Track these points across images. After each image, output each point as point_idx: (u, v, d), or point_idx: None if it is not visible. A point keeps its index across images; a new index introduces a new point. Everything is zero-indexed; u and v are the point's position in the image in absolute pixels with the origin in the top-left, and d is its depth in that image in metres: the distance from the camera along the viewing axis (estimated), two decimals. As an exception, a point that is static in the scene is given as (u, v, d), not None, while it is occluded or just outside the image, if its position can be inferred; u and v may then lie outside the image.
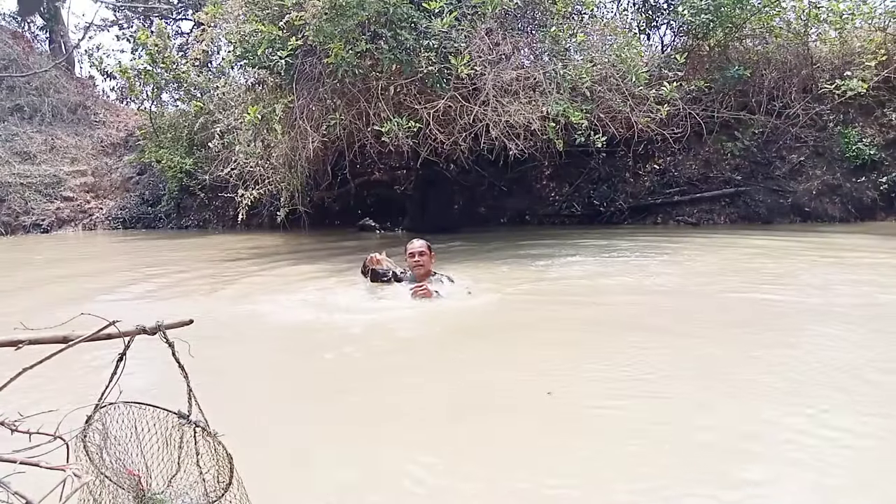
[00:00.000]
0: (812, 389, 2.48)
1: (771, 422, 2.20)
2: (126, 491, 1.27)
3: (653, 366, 2.88)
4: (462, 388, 2.69)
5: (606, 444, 2.09)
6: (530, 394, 2.54)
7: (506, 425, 2.27)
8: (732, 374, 2.72)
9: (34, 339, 1.21)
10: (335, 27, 6.28)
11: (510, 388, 2.65)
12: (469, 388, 2.68)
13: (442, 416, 2.40)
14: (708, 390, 2.55)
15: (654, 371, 2.80)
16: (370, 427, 2.30)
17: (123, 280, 5.97)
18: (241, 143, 7.80)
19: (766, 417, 2.24)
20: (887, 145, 9.01)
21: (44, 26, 17.47)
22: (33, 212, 13.20)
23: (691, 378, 2.71)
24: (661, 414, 2.30)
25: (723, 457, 1.95)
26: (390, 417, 2.39)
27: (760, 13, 8.96)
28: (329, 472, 1.95)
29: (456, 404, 2.50)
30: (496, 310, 4.22)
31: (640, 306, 4.17)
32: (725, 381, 2.64)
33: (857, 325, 3.39)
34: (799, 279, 4.88)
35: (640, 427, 2.20)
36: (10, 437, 1.17)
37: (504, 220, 10.72)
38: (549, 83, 6.86)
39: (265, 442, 2.15)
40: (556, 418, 2.32)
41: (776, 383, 2.55)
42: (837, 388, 2.47)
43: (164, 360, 1.26)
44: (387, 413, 2.44)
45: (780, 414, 2.26)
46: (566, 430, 2.23)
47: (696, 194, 9.70)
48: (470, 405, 2.48)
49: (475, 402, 2.52)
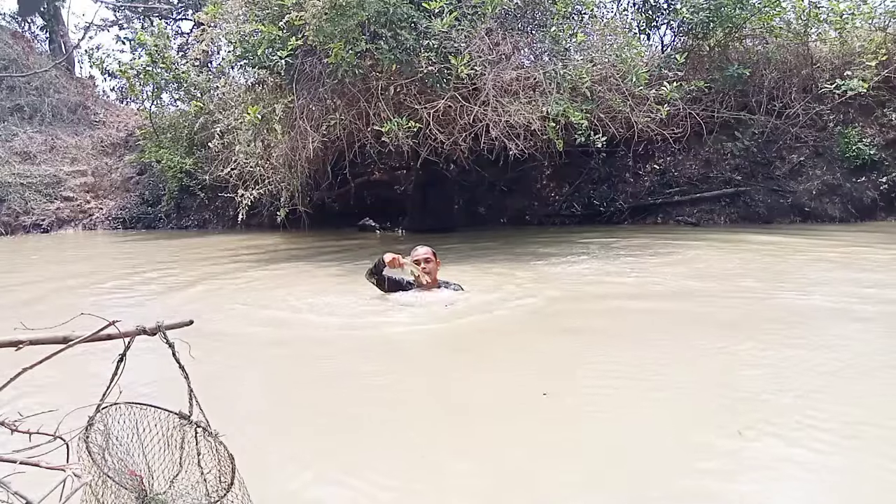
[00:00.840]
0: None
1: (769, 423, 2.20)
2: (129, 491, 1.27)
3: (653, 366, 2.88)
4: (463, 388, 2.68)
5: (607, 446, 2.09)
6: (529, 395, 2.54)
7: (507, 425, 2.27)
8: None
9: (34, 340, 1.21)
10: (335, 27, 6.28)
11: (509, 389, 2.65)
12: (469, 389, 2.67)
13: (445, 417, 2.39)
14: (719, 398, 2.55)
15: (655, 372, 2.80)
16: (371, 427, 2.30)
17: (123, 280, 5.97)
18: (241, 143, 7.80)
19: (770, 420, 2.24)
20: (887, 145, 9.02)
21: (44, 26, 17.48)
22: (33, 212, 13.20)
23: (694, 382, 2.71)
24: (662, 415, 2.30)
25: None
26: (391, 418, 2.39)
27: (760, 13, 8.96)
28: (329, 472, 1.95)
29: (457, 405, 2.50)
30: (496, 310, 4.21)
31: (641, 306, 4.17)
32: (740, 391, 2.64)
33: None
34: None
35: (641, 428, 2.19)
36: (10, 437, 1.17)
37: (504, 220, 10.72)
38: (549, 83, 6.86)
39: (265, 442, 2.15)
40: (556, 419, 2.32)
41: (776, 389, 2.54)
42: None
43: (165, 360, 1.26)
44: (388, 414, 2.43)
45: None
46: (566, 431, 2.23)
47: (696, 194, 9.71)
48: (471, 406, 2.48)
49: (476, 402, 2.51)
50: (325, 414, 2.46)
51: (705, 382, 2.65)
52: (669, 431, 2.16)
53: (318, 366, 3.09)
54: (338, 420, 2.39)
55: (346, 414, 2.45)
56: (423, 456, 2.03)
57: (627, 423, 2.24)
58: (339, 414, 2.45)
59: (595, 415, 2.34)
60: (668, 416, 2.29)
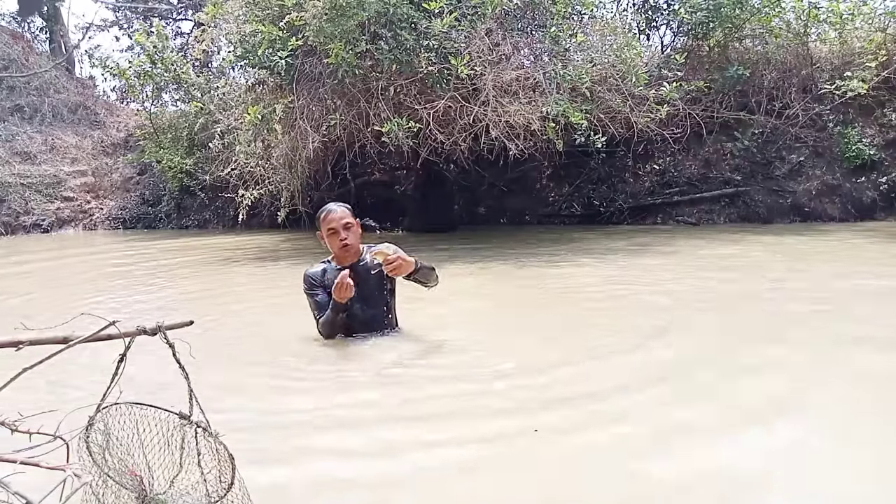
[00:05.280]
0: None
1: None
2: (129, 491, 1.27)
3: (656, 367, 2.88)
4: (464, 390, 2.68)
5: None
6: (528, 395, 2.54)
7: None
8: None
9: (34, 340, 1.21)
10: (335, 27, 6.28)
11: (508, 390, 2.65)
12: (471, 391, 2.68)
13: (446, 420, 2.40)
14: (731, 409, 2.54)
15: (658, 374, 2.81)
16: (371, 428, 2.30)
17: (124, 280, 5.97)
18: (242, 143, 7.80)
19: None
20: (887, 145, 9.01)
21: (44, 26, 17.48)
22: (33, 212, 13.19)
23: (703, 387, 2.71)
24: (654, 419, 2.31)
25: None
26: (392, 418, 2.39)
27: (760, 13, 8.96)
28: (329, 472, 1.95)
29: (460, 406, 2.50)
30: (495, 311, 4.22)
31: (645, 308, 4.17)
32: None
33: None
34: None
35: (640, 433, 2.20)
36: (10, 437, 1.17)
37: (504, 220, 10.72)
38: (549, 83, 6.87)
39: (265, 442, 2.15)
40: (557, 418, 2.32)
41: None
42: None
43: (165, 360, 1.26)
44: (388, 414, 2.43)
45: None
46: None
47: (696, 194, 9.70)
48: (473, 406, 2.48)
49: (478, 403, 2.52)
50: (325, 415, 2.47)
51: (726, 401, 2.64)
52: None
53: (319, 367, 3.09)
54: (338, 420, 2.39)
55: (347, 415, 2.45)
56: (429, 456, 2.03)
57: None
58: (340, 415, 2.45)
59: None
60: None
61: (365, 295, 3.17)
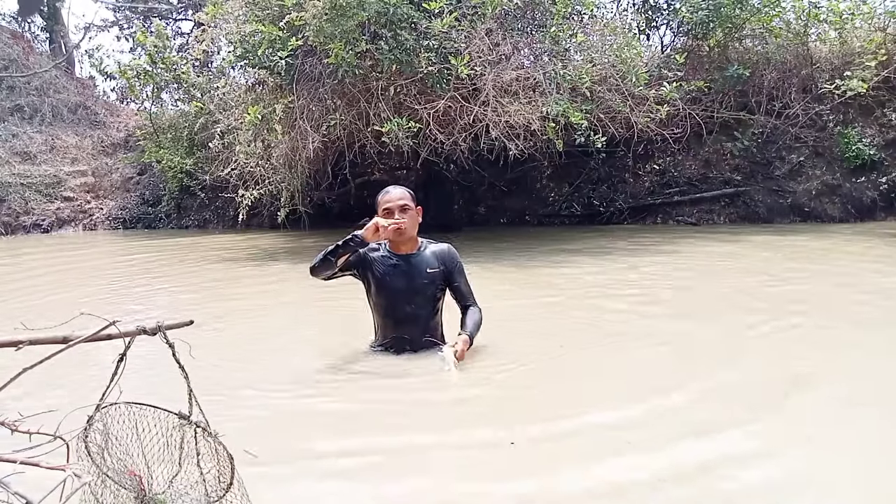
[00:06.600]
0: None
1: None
2: (128, 491, 1.28)
3: (656, 368, 2.88)
4: (465, 390, 2.68)
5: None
6: (526, 396, 2.54)
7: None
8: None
9: (34, 340, 1.21)
10: (335, 27, 6.28)
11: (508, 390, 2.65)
12: (472, 392, 2.68)
13: (449, 421, 2.40)
14: (747, 419, 2.55)
15: (656, 374, 2.81)
16: (371, 429, 2.30)
17: (123, 280, 5.97)
18: (242, 143, 7.79)
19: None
20: (887, 145, 9.01)
21: (44, 26, 17.48)
22: (33, 212, 13.19)
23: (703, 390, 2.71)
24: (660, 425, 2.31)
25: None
26: (392, 418, 2.39)
27: (760, 13, 8.95)
28: (329, 472, 1.95)
29: (460, 406, 2.50)
30: (495, 310, 4.21)
31: (646, 308, 4.17)
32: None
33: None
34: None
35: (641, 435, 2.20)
36: (10, 437, 1.18)
37: (504, 220, 10.72)
38: (548, 83, 6.86)
39: (265, 443, 2.15)
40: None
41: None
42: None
43: (165, 360, 1.26)
44: (388, 414, 2.44)
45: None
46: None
47: (696, 194, 9.71)
48: (473, 406, 2.49)
49: (479, 405, 2.52)
50: (324, 415, 2.47)
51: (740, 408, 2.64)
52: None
53: (319, 368, 3.09)
54: (338, 421, 2.39)
55: (347, 415, 2.45)
56: (431, 457, 2.03)
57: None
58: (340, 414, 2.45)
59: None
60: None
61: (415, 289, 2.90)
